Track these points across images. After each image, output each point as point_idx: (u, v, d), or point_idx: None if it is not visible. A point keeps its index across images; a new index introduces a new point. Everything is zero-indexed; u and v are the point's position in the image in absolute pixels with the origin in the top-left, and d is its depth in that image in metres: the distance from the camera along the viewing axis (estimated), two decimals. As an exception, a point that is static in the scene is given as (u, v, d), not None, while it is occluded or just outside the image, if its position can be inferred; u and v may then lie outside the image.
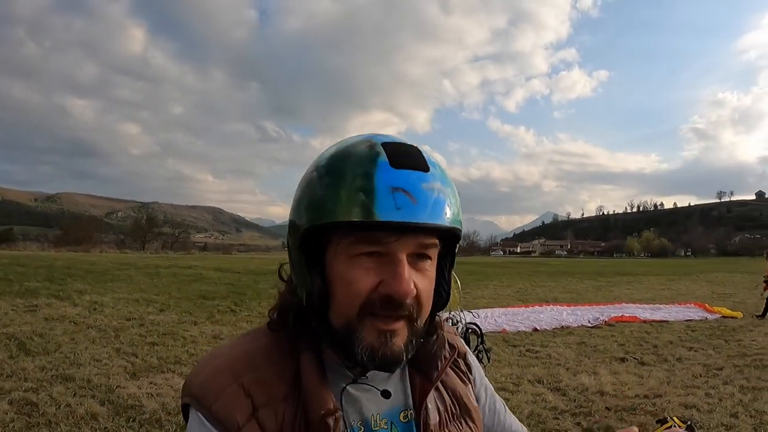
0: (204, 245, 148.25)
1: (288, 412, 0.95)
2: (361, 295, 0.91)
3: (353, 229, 0.90)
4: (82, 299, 15.34)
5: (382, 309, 0.91)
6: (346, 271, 0.92)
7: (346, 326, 0.93)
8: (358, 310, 0.92)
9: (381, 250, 0.91)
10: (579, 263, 78.80)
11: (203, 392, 0.96)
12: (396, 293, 0.90)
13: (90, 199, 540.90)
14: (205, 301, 16.80)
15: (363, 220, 0.87)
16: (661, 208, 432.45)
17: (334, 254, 0.94)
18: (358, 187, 0.88)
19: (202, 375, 0.99)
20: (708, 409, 6.97)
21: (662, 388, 7.90)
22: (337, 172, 0.92)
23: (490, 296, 21.87)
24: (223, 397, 0.94)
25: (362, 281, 0.91)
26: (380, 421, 1.02)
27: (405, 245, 0.91)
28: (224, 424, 0.92)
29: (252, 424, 0.93)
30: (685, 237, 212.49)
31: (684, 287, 28.09)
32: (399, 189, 0.88)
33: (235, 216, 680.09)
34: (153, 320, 12.62)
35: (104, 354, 9.07)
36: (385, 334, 0.92)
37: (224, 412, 0.93)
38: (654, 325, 14.10)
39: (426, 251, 0.95)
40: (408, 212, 0.87)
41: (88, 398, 6.76)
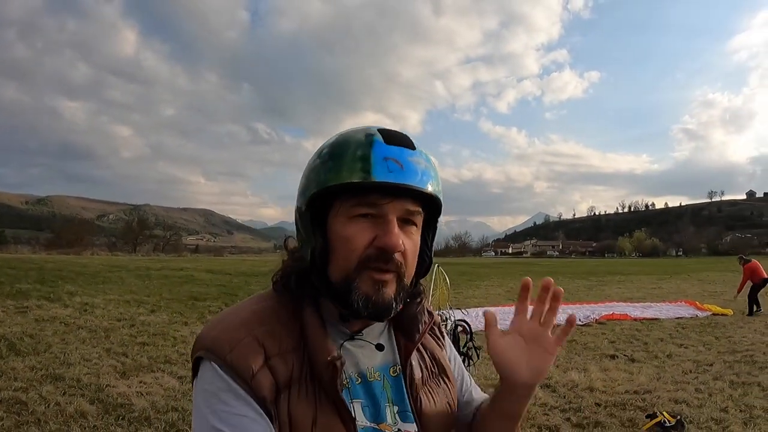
0: (195, 247, 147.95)
1: (296, 362, 1.08)
2: (358, 249, 1.07)
3: (352, 192, 1.07)
4: (73, 301, 15.32)
5: (376, 261, 1.07)
6: (345, 229, 1.08)
7: (345, 279, 1.08)
8: (355, 263, 1.07)
9: (375, 212, 1.07)
10: (570, 263, 79.01)
11: (218, 344, 1.06)
12: (387, 246, 1.05)
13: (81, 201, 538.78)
14: (196, 302, 16.81)
15: (362, 180, 1.04)
16: (652, 209, 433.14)
17: (335, 217, 1.09)
18: (358, 157, 1.05)
19: (215, 330, 1.10)
20: (698, 404, 7.01)
21: (652, 384, 7.93)
22: (338, 153, 1.08)
23: (481, 296, 21.95)
24: (238, 347, 1.05)
25: (359, 237, 1.07)
26: (374, 373, 1.18)
27: (395, 208, 1.08)
28: (238, 371, 1.03)
29: (264, 371, 1.04)
30: (677, 237, 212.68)
31: (675, 286, 28.18)
32: (390, 158, 1.06)
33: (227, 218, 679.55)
34: (144, 321, 12.60)
35: (94, 354, 9.05)
36: (378, 283, 1.07)
37: (239, 360, 1.04)
38: (645, 322, 14.16)
39: (411, 217, 1.11)
40: (398, 176, 1.05)
41: (77, 397, 6.75)
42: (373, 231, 1.07)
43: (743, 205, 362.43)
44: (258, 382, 1.03)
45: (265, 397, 1.03)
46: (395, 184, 1.05)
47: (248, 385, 1.02)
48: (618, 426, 6.24)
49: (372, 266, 1.07)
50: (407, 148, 1.09)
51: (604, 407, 6.85)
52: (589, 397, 7.27)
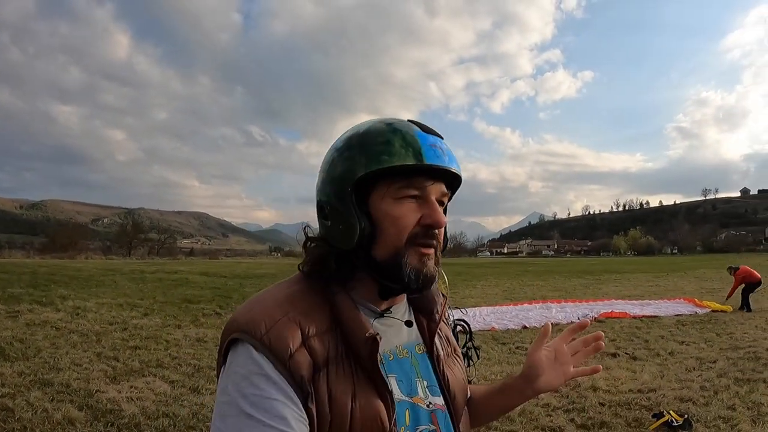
0: (190, 250, 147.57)
1: (332, 341, 1.11)
2: (408, 226, 1.15)
3: (401, 175, 1.14)
4: (65, 305, 15.16)
5: (423, 238, 1.16)
6: (393, 210, 1.15)
7: (395, 255, 1.15)
8: (405, 240, 1.15)
9: (419, 194, 1.16)
10: (566, 262, 79.05)
11: (254, 325, 1.08)
12: (435, 222, 1.16)
13: (76, 205, 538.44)
14: (190, 305, 16.65)
15: (416, 163, 1.12)
16: (646, 207, 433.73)
17: (381, 199, 1.15)
18: (408, 141, 1.14)
19: (251, 313, 1.12)
20: (704, 402, 6.88)
21: (656, 382, 7.80)
22: (383, 135, 1.15)
23: (478, 296, 21.83)
24: (276, 327, 1.07)
25: (408, 216, 1.15)
26: (403, 351, 1.25)
27: (435, 190, 1.18)
28: (275, 351, 1.04)
29: (302, 350, 1.07)
30: (671, 235, 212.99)
31: (672, 283, 28.15)
32: (434, 145, 1.16)
33: (222, 221, 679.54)
34: (136, 324, 12.46)
35: (85, 358, 8.91)
36: (424, 257, 1.17)
37: (277, 339, 1.05)
38: (644, 320, 14.04)
39: (444, 199, 1.22)
40: (442, 160, 1.15)
41: (65, 403, 6.61)
42: (419, 211, 1.16)
43: (737, 203, 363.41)
44: (296, 361, 1.05)
45: (303, 376, 1.04)
46: (442, 167, 1.15)
47: (285, 366, 1.04)
48: (624, 426, 6.10)
49: (419, 242, 1.16)
50: (439, 136, 1.20)
51: (609, 407, 6.71)
52: (592, 396, 7.11)
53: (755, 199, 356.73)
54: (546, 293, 22.84)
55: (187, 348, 10.03)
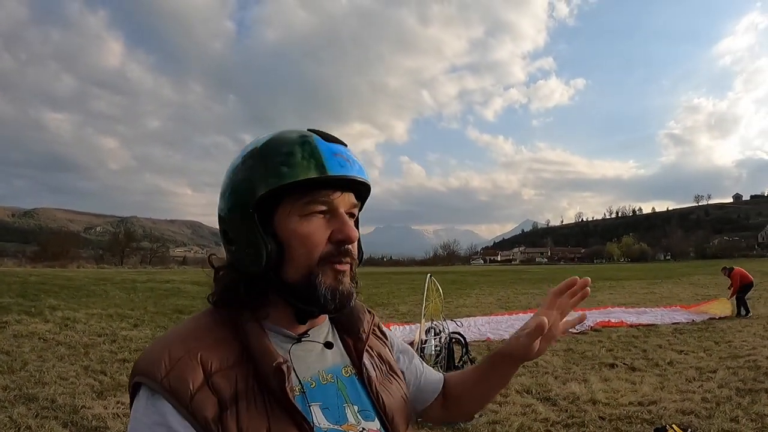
0: (183, 259, 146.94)
1: (240, 376, 1.03)
2: (319, 244, 1.08)
3: (303, 190, 1.07)
4: (54, 315, 14.96)
5: (336, 255, 1.09)
6: (301, 228, 1.08)
7: (308, 275, 1.08)
8: (318, 258, 1.08)
9: (327, 208, 1.10)
10: (560, 270, 79.07)
11: (153, 367, 1.00)
12: (347, 237, 1.10)
13: (68, 214, 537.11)
14: (181, 315, 16.56)
15: (319, 176, 1.05)
16: (639, 213, 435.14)
17: (287, 216, 1.09)
18: (309, 152, 1.07)
19: (151, 353, 1.04)
20: (707, 414, 6.73)
21: (656, 394, 7.66)
22: (283, 149, 1.08)
23: (472, 305, 21.83)
24: (177, 366, 0.99)
25: (318, 233, 1.09)
26: (327, 376, 1.16)
27: (344, 202, 1.12)
28: (175, 393, 0.97)
29: (205, 390, 0.99)
30: (665, 241, 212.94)
31: (667, 290, 28.15)
32: (338, 154, 1.09)
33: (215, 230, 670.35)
34: (125, 336, 12.30)
35: (72, 372, 8.74)
36: (339, 274, 1.10)
37: (176, 381, 0.98)
38: (641, 329, 13.91)
39: (353, 210, 1.17)
40: (347, 169, 1.09)
41: (50, 420, 6.45)
42: (328, 227, 1.10)
43: (730, 209, 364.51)
44: (198, 402, 0.97)
45: (207, 418, 0.97)
46: (348, 177, 1.09)
47: (187, 410, 0.97)
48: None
49: (332, 260, 1.09)
50: (342, 144, 1.13)
51: (609, 421, 6.56)
52: (592, 410, 6.96)
53: (747, 205, 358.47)
54: (541, 301, 22.49)
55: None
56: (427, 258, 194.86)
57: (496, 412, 6.98)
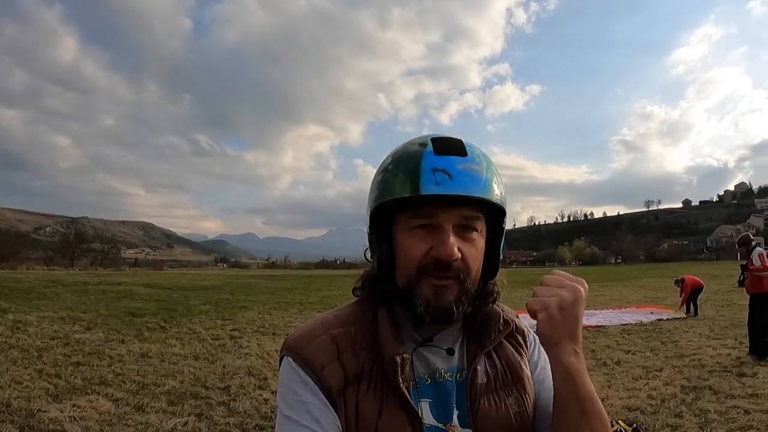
0: (135, 261, 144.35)
1: (368, 360, 1.16)
2: (416, 258, 1.13)
3: (408, 205, 1.13)
4: (5, 318, 14.65)
5: (433, 270, 1.12)
6: (404, 240, 1.15)
7: (408, 284, 1.15)
8: (415, 270, 1.14)
9: (430, 222, 1.13)
10: (511, 273, 79.14)
11: (297, 342, 1.19)
12: (441, 255, 1.11)
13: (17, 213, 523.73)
14: (134, 318, 16.26)
15: (410, 195, 1.10)
16: (591, 218, 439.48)
17: (398, 228, 1.18)
18: (409, 170, 1.12)
19: (298, 332, 1.23)
20: (652, 410, 6.97)
21: (603, 391, 7.86)
22: (396, 165, 1.16)
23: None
24: (314, 343, 1.17)
25: (416, 247, 1.14)
26: (445, 374, 1.22)
27: (449, 217, 1.13)
28: (310, 365, 1.14)
29: (335, 364, 1.14)
30: (615, 245, 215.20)
31: (617, 293, 28.65)
32: (439, 170, 1.10)
33: (167, 231, 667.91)
34: (79, 339, 12.10)
35: (25, 376, 8.60)
36: (438, 288, 1.13)
37: (312, 354, 1.15)
38: (590, 330, 14.16)
39: (469, 223, 1.16)
40: (445, 187, 1.09)
41: (6, 423, 6.36)
42: (429, 241, 1.13)
43: (679, 213, 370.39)
44: (327, 373, 1.13)
45: (332, 388, 1.12)
46: (443, 195, 1.09)
47: (317, 377, 1.13)
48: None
49: (431, 273, 1.13)
50: (458, 155, 1.14)
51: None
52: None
53: (696, 210, 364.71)
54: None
55: (131, 364, 9.75)
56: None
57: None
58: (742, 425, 6.36)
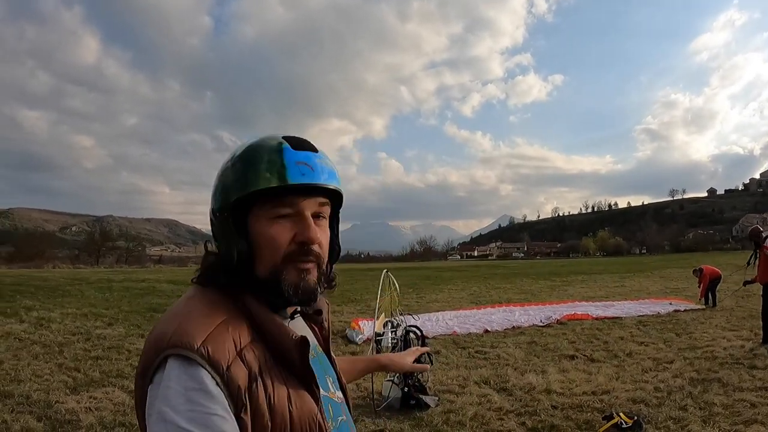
0: (159, 258, 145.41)
1: (259, 351, 1.15)
2: (283, 245, 1.20)
3: (270, 196, 1.19)
4: (30, 315, 15.09)
5: (298, 255, 1.21)
6: (268, 230, 1.20)
7: (273, 273, 1.20)
8: (281, 258, 1.20)
9: (292, 212, 1.21)
10: (535, 264, 79.33)
11: (187, 338, 1.06)
12: (308, 238, 1.21)
13: (43, 213, 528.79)
14: (156, 314, 16.58)
15: (279, 185, 1.17)
16: (615, 208, 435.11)
17: (256, 220, 1.22)
18: (272, 162, 1.19)
19: (180, 326, 1.09)
20: (656, 403, 6.98)
21: (611, 384, 7.90)
22: (252, 161, 1.21)
23: (444, 300, 21.94)
24: (211, 337, 1.08)
25: (282, 235, 1.20)
26: (316, 350, 1.39)
27: (309, 205, 1.23)
28: (213, 362, 1.04)
29: (237, 361, 1.09)
30: (640, 235, 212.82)
31: (637, 284, 28.43)
32: (301, 162, 1.20)
33: (192, 228, 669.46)
34: (99, 334, 12.42)
35: (46, 370, 8.91)
36: (303, 272, 1.22)
37: (213, 350, 1.06)
38: (606, 321, 14.15)
39: (322, 211, 1.27)
40: (309, 177, 1.20)
41: (25, 414, 6.65)
42: (292, 228, 1.22)
43: (704, 203, 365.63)
44: (232, 373, 1.06)
45: (240, 387, 1.06)
46: (309, 184, 1.19)
47: (222, 378, 1.04)
48: (574, 428, 6.19)
49: (296, 258, 1.21)
50: (312, 151, 1.24)
51: (561, 410, 6.79)
52: (545, 399, 7.20)
53: (722, 199, 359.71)
54: (512, 296, 22.97)
55: (150, 358, 9.92)
56: (403, 254, 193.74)
57: (452, 402, 7.22)
58: (747, 419, 6.31)
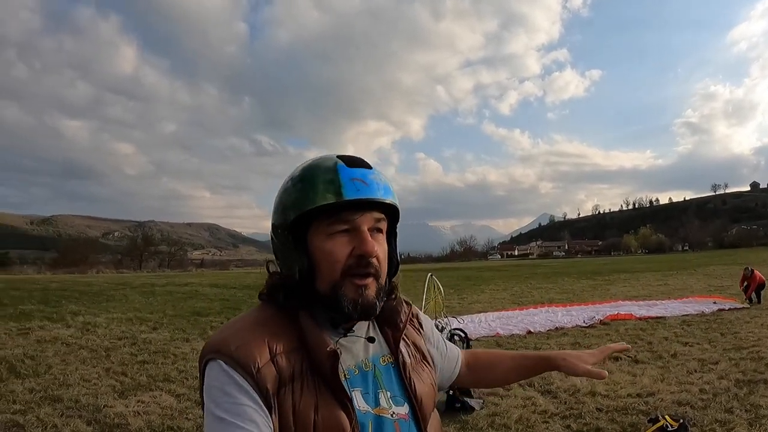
0: (201, 262, 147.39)
1: (296, 360, 1.23)
2: (341, 260, 1.25)
3: (328, 212, 1.25)
4: (76, 320, 15.39)
5: (357, 268, 1.26)
6: (326, 246, 1.26)
7: (332, 288, 1.26)
8: (340, 273, 1.26)
9: (349, 227, 1.26)
10: (576, 263, 78.62)
11: (225, 344, 1.21)
12: (365, 252, 1.25)
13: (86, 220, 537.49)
14: (199, 317, 16.82)
15: (336, 201, 1.22)
16: (656, 204, 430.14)
17: (315, 236, 1.28)
18: (328, 181, 1.24)
19: (221, 335, 1.26)
20: (702, 405, 6.86)
21: (655, 385, 7.79)
22: (310, 177, 1.27)
23: (485, 300, 21.84)
24: (245, 344, 1.20)
25: (340, 250, 1.26)
26: (369, 364, 1.36)
27: (365, 220, 1.28)
28: (243, 365, 1.17)
29: (269, 366, 1.19)
30: (682, 231, 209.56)
31: (681, 282, 28.05)
32: (356, 179, 1.25)
33: (232, 231, 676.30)
34: (145, 339, 12.59)
35: (94, 374, 9.06)
36: (361, 288, 1.26)
37: (245, 356, 1.18)
38: (650, 321, 13.98)
39: (378, 225, 1.32)
40: (364, 192, 1.24)
41: (74, 418, 6.77)
42: (350, 243, 1.26)
43: (747, 197, 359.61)
44: (262, 375, 1.17)
45: (269, 389, 1.17)
46: (364, 199, 1.24)
47: (252, 378, 1.16)
48: (619, 431, 6.14)
49: (353, 273, 1.26)
50: (366, 168, 1.29)
51: (606, 412, 6.73)
52: (590, 402, 7.13)
53: (765, 193, 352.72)
54: (553, 296, 22.85)
55: (194, 361, 9.98)
56: (443, 254, 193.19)
57: (497, 405, 7.18)
58: (795, 421, 6.20)
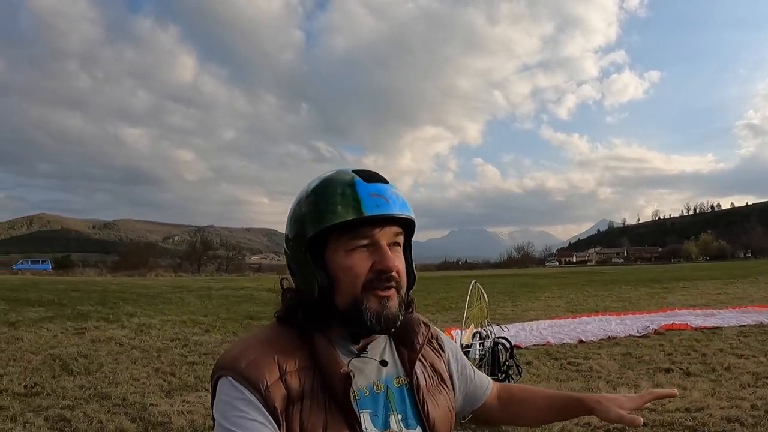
0: (258, 266, 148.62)
1: (307, 378, 1.22)
2: (361, 275, 1.25)
3: (347, 228, 1.24)
4: (131, 322, 15.81)
5: (378, 282, 1.25)
6: (346, 261, 1.25)
7: (353, 303, 1.25)
8: (361, 287, 1.25)
9: (369, 242, 1.26)
10: (635, 270, 77.06)
11: (235, 361, 1.21)
12: (386, 267, 1.25)
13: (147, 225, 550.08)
14: (252, 321, 17.03)
15: (356, 217, 1.22)
16: (718, 209, 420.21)
17: (334, 252, 1.27)
18: (346, 196, 1.24)
19: (233, 352, 1.26)
20: (752, 422, 6.54)
21: (705, 400, 7.50)
22: (327, 192, 1.26)
23: (540, 308, 21.48)
24: (254, 361, 1.20)
25: (360, 265, 1.25)
26: (380, 386, 1.34)
27: (385, 235, 1.27)
28: (253, 383, 1.17)
29: (278, 384, 1.19)
30: (744, 238, 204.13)
31: (741, 290, 27.12)
32: (375, 194, 1.25)
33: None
34: (197, 341, 12.82)
35: (143, 373, 9.28)
36: (383, 300, 1.26)
37: (255, 372, 1.18)
38: (705, 332, 13.48)
39: (397, 239, 1.32)
40: (384, 208, 1.24)
41: (120, 415, 6.94)
42: (370, 258, 1.26)
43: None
44: (271, 393, 1.17)
45: (277, 408, 1.16)
46: (384, 215, 1.24)
47: (261, 395, 1.16)
48: (664, 447, 5.96)
49: (375, 286, 1.25)
50: (383, 183, 1.29)
51: (651, 427, 6.53)
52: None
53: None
54: (609, 304, 22.30)
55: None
56: (501, 261, 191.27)
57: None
58: None
